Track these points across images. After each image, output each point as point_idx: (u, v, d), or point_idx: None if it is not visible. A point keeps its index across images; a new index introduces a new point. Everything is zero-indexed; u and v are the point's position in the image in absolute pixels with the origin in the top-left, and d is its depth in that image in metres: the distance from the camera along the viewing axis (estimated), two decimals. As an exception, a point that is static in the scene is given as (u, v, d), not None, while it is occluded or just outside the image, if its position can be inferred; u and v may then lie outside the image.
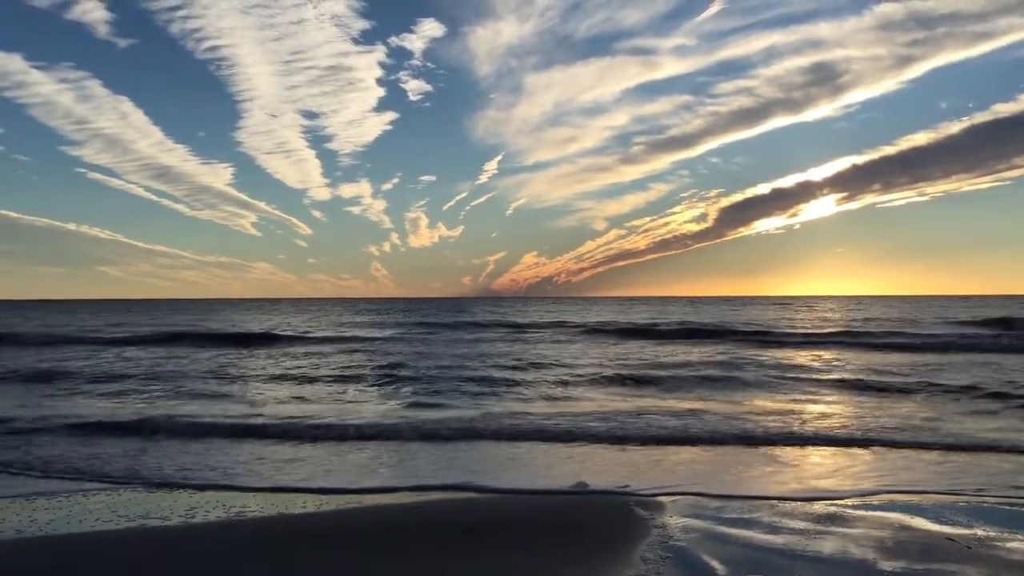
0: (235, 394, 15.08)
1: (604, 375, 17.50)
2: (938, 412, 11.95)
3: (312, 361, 22.41)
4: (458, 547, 5.52)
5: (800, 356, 22.91)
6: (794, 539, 5.58)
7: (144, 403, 13.72)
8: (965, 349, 23.34)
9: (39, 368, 19.82)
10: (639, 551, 5.32)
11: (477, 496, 7.18)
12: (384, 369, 19.37)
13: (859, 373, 17.60)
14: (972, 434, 10.02)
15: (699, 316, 51.86)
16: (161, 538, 5.82)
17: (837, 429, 10.45)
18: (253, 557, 5.31)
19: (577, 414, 11.88)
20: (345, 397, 14.74)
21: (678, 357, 22.53)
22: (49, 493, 7.28)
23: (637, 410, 12.20)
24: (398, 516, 6.58)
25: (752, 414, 11.82)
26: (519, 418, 11.43)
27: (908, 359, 21.20)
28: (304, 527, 6.14)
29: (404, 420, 11.33)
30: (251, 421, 11.40)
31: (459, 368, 19.43)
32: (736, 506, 6.60)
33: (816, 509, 6.47)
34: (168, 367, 20.32)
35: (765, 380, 16.42)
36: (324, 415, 12.01)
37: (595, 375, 17.58)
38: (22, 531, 6.00)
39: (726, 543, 5.51)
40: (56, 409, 12.78)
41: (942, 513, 6.31)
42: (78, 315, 64.30)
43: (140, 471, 8.26)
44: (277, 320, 53.71)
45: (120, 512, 6.56)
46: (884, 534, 5.71)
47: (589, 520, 6.24)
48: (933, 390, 14.46)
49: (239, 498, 7.09)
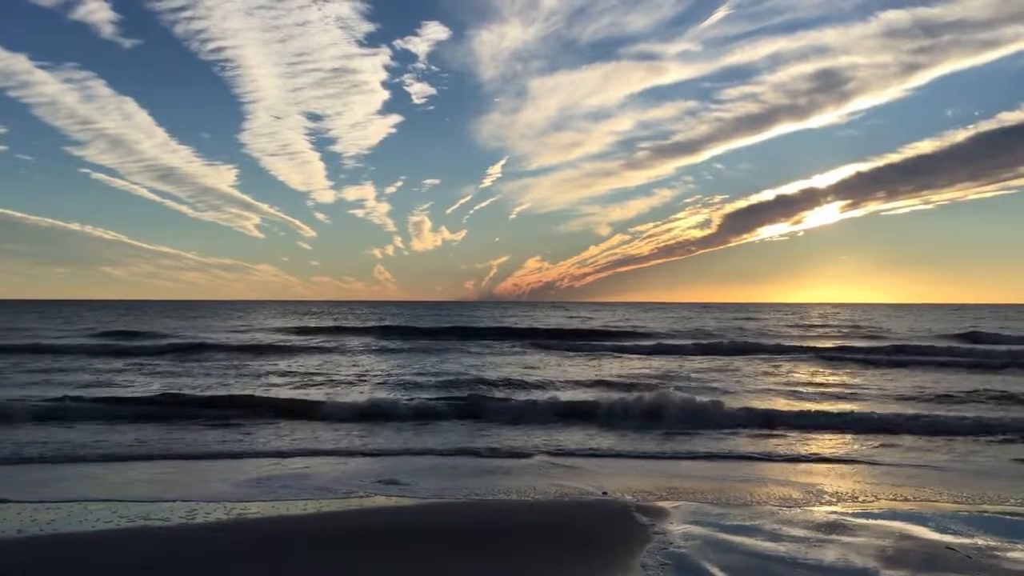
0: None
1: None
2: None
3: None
4: (459, 550, 5.51)
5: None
6: (795, 547, 5.59)
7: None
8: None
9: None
10: (639, 557, 5.32)
11: (477, 500, 7.18)
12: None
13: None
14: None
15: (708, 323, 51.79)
16: (161, 538, 5.81)
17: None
18: (254, 558, 5.30)
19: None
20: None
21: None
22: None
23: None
24: (399, 518, 6.58)
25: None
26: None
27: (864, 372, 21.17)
28: (305, 528, 6.13)
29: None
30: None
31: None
32: (737, 513, 6.61)
33: (817, 517, 6.48)
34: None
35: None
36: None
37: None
38: (23, 530, 5.99)
39: (727, 550, 5.51)
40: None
41: (943, 522, 6.31)
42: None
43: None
44: (230, 323, 51.13)
45: (121, 512, 6.55)
46: (885, 543, 5.71)
47: (590, 525, 6.24)
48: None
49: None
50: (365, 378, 18.85)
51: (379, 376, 19.35)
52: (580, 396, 15.27)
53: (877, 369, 21.30)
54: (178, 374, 19.44)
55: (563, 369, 21.62)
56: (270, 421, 12.24)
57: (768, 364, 22.61)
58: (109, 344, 29.15)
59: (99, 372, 19.69)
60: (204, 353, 25.81)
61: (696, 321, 54.82)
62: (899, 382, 18.11)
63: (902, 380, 18.52)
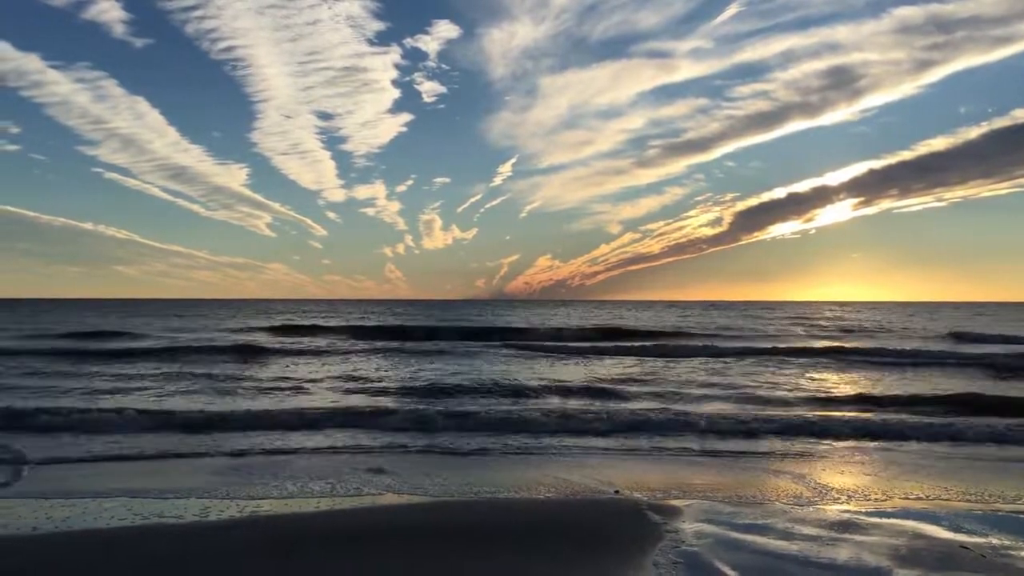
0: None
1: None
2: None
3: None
4: (472, 548, 5.52)
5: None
6: (807, 546, 5.57)
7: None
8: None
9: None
10: (651, 556, 5.32)
11: (491, 498, 7.19)
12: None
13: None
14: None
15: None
16: (175, 535, 5.84)
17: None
18: (265, 555, 5.33)
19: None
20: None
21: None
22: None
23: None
24: (412, 517, 6.59)
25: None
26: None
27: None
28: (316, 526, 6.16)
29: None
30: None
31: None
32: (749, 512, 6.59)
33: (830, 516, 6.45)
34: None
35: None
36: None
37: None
38: (38, 528, 6.05)
39: (739, 549, 5.50)
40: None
41: (956, 521, 6.28)
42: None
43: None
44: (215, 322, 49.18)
45: (135, 510, 6.60)
46: (898, 542, 5.69)
47: (601, 523, 6.23)
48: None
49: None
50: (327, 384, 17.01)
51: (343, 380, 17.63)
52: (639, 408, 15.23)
53: (884, 369, 21.16)
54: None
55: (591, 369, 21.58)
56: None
57: (780, 364, 22.51)
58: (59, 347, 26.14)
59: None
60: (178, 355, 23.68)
61: (701, 318, 54.63)
62: (904, 383, 17.99)
63: (907, 381, 18.40)
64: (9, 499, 7.03)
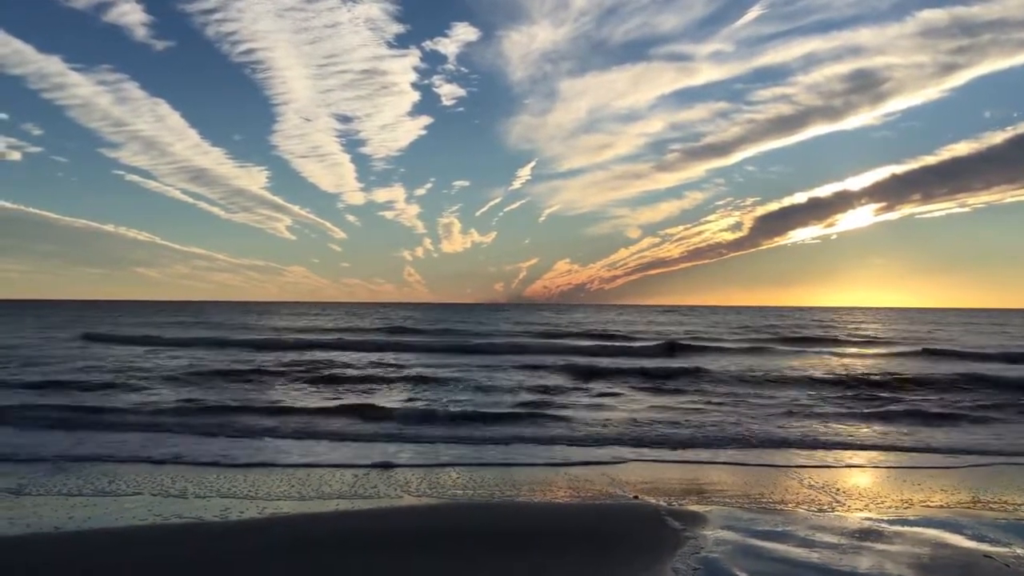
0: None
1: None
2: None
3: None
4: (487, 553, 5.51)
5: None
6: (828, 554, 5.52)
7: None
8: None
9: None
10: (671, 562, 5.29)
11: (506, 502, 7.19)
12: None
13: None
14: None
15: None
16: (194, 536, 5.89)
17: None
18: (283, 557, 5.35)
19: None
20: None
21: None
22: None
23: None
24: (427, 520, 6.61)
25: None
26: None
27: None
28: (335, 528, 6.18)
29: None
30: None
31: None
32: (769, 519, 6.54)
33: (851, 524, 6.39)
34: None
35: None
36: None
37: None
38: (60, 527, 6.12)
39: (759, 557, 5.46)
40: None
41: (979, 530, 6.20)
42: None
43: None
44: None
45: (155, 510, 6.66)
46: (920, 550, 5.63)
47: (620, 529, 6.21)
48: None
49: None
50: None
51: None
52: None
53: (902, 376, 20.94)
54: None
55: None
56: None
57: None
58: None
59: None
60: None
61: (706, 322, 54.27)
62: (922, 391, 17.80)
63: (924, 388, 18.21)
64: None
